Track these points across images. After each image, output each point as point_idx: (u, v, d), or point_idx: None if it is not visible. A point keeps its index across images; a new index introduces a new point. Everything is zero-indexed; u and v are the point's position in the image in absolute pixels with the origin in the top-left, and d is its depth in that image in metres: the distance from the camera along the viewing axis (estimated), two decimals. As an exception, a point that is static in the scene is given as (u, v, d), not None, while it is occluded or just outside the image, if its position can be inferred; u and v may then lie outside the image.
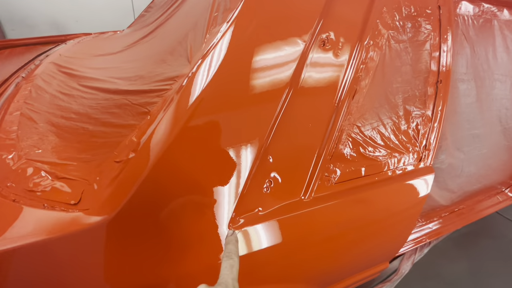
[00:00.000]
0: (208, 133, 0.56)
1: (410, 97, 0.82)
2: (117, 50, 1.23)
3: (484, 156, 1.56)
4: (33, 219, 0.50)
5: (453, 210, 1.76)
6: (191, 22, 0.80)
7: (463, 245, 2.22)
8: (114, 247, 0.51)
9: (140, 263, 0.53)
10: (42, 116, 0.79)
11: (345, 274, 0.89)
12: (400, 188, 0.82)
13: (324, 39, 0.66)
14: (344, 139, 0.72)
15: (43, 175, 0.57)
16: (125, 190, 0.51)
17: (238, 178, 0.59)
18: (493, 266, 2.05)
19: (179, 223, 0.55)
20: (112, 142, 0.61)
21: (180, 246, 0.55)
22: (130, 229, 0.51)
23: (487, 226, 2.45)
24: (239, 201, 0.59)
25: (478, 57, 1.11)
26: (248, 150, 0.59)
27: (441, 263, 2.08)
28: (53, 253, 0.47)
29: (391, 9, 0.74)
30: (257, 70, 0.60)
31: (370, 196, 0.78)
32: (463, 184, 1.60)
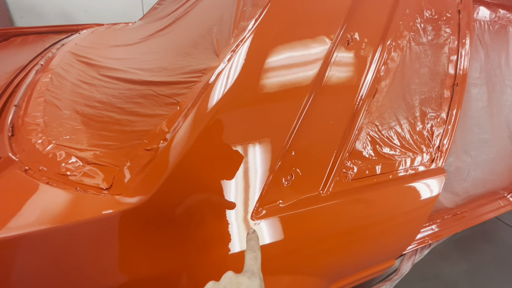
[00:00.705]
0: (236, 126, 0.58)
1: (426, 98, 0.83)
2: (133, 41, 1.24)
3: (491, 161, 1.58)
4: (67, 202, 0.52)
5: (456, 213, 1.78)
6: (215, 16, 0.81)
7: (463, 248, 2.25)
8: (144, 231, 0.53)
9: (168, 248, 0.55)
10: (66, 104, 0.81)
11: (356, 269, 0.91)
12: (413, 187, 0.84)
13: (348, 39, 0.68)
14: (362, 137, 0.74)
15: (73, 160, 0.59)
16: (156, 177, 0.53)
17: (264, 171, 0.61)
18: (491, 270, 2.08)
19: (206, 211, 0.57)
20: (140, 131, 0.63)
21: (207, 234, 0.57)
22: (160, 214, 0.53)
23: (487, 231, 2.48)
24: (263, 193, 0.61)
25: (491, 62, 1.12)
26: (274, 144, 0.61)
27: (441, 264, 2.11)
28: (88, 235, 0.49)
29: (413, 11, 0.76)
30: (283, 67, 0.62)
31: (384, 194, 0.80)
32: (468, 188, 1.62)
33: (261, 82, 0.60)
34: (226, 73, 0.59)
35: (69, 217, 0.48)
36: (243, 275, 0.42)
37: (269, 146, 0.61)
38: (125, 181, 0.54)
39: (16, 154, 0.63)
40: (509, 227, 2.54)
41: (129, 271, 0.52)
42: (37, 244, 0.47)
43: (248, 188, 0.60)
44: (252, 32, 0.61)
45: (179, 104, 0.61)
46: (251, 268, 0.44)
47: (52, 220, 0.48)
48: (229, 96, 0.57)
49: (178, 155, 0.54)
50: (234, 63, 0.59)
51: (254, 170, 0.60)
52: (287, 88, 0.62)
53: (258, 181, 0.61)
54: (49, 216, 0.49)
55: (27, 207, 0.50)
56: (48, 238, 0.47)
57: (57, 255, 0.48)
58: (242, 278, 0.41)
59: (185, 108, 0.58)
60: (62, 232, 0.48)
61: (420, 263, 2.13)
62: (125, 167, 0.56)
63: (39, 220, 0.48)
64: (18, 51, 1.58)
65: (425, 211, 0.89)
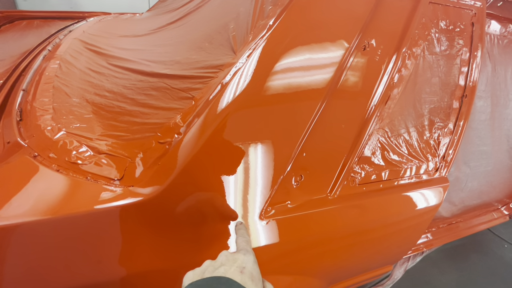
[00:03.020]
0: (250, 125, 0.58)
1: (435, 108, 0.84)
2: (144, 32, 1.23)
3: (488, 173, 1.61)
4: (78, 191, 0.51)
5: (451, 222, 1.80)
6: (231, 12, 0.81)
7: (454, 258, 2.28)
8: (155, 224, 0.52)
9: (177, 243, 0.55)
10: (75, 91, 0.80)
11: (355, 272, 0.92)
12: (416, 195, 0.85)
13: (365, 44, 0.68)
14: (372, 143, 0.74)
15: (84, 149, 0.58)
16: (170, 170, 0.52)
17: (275, 171, 0.61)
18: (480, 280, 2.11)
19: (216, 208, 0.57)
20: (152, 123, 0.62)
21: (216, 231, 0.57)
22: (172, 208, 0.53)
23: (478, 241, 2.52)
24: (273, 193, 0.61)
25: (497, 76, 1.14)
26: (286, 145, 0.61)
27: (432, 272, 2.14)
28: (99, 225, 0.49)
29: (429, 21, 0.76)
30: (300, 69, 0.62)
31: (388, 200, 0.80)
32: (465, 198, 1.65)
33: (277, 83, 0.60)
34: (244, 71, 0.58)
35: (81, 207, 0.48)
36: (238, 252, 0.45)
37: (281, 147, 0.61)
38: (137, 173, 0.54)
39: (25, 139, 0.62)
40: (500, 239, 2.58)
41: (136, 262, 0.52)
42: (47, 232, 0.46)
43: (259, 188, 0.60)
44: (271, 32, 0.61)
45: (194, 99, 0.61)
46: (244, 247, 0.47)
47: (64, 208, 0.47)
48: (245, 95, 0.57)
49: (192, 151, 0.54)
50: (253, 61, 0.59)
51: (265, 169, 0.60)
52: (302, 90, 0.62)
53: (269, 181, 0.61)
54: (61, 204, 0.48)
55: (37, 194, 0.49)
56: (58, 227, 0.47)
57: (66, 243, 0.47)
58: (237, 255, 0.43)
59: (200, 103, 0.58)
60: (72, 221, 0.47)
61: (412, 270, 2.16)
62: (138, 158, 0.55)
63: (51, 208, 0.47)
64: (22, 35, 1.56)
65: (426, 218, 0.90)
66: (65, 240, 0.47)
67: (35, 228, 0.46)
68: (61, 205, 0.48)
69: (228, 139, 0.56)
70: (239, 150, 0.57)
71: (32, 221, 0.45)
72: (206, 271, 0.40)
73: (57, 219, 0.46)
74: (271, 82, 0.59)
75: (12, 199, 0.47)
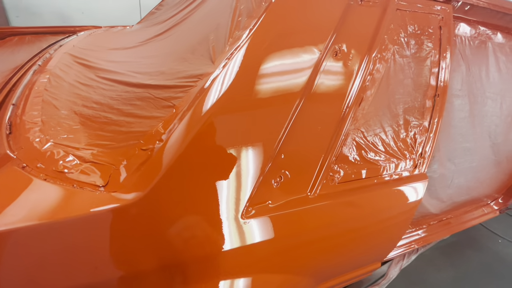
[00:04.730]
0: (229, 129, 0.61)
1: (410, 108, 0.88)
2: (132, 45, 1.27)
3: (474, 169, 1.64)
4: (65, 198, 0.54)
5: (441, 219, 1.83)
6: (212, 24, 0.85)
7: (449, 255, 2.30)
8: (139, 227, 0.55)
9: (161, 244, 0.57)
10: (63, 104, 0.83)
11: (342, 270, 0.94)
12: (396, 192, 0.89)
13: (336, 50, 0.72)
14: (348, 143, 0.78)
15: (71, 159, 0.61)
16: (152, 175, 0.55)
17: (254, 172, 0.64)
18: (476, 276, 2.13)
19: (199, 210, 0.60)
20: (136, 131, 0.66)
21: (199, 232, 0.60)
22: (154, 211, 0.56)
23: (473, 238, 2.55)
24: (253, 193, 0.64)
25: (472, 75, 1.19)
26: (264, 147, 0.64)
27: (427, 270, 2.15)
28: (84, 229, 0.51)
29: (397, 26, 0.81)
30: (275, 75, 0.66)
31: (369, 198, 0.84)
32: (453, 195, 1.68)
33: (254, 88, 0.64)
34: (221, 79, 0.62)
35: (66, 212, 0.51)
36: None
37: (260, 149, 0.64)
38: (121, 179, 0.57)
39: (14, 151, 0.64)
40: (495, 234, 2.61)
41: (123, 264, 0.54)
42: (34, 238, 0.49)
43: (239, 188, 0.63)
44: (246, 41, 0.65)
45: (175, 107, 0.64)
46: None
47: (50, 215, 0.50)
48: (223, 101, 0.60)
49: (173, 156, 0.57)
50: (229, 69, 0.63)
51: (245, 171, 0.63)
52: (278, 95, 0.66)
53: (248, 182, 0.64)
54: (46, 211, 0.51)
55: (24, 202, 0.52)
56: (45, 232, 0.49)
57: (54, 249, 0.50)
58: None
59: (180, 111, 0.61)
60: (59, 226, 0.50)
61: (407, 269, 2.17)
62: (122, 165, 0.58)
63: (37, 215, 0.50)
64: (14, 51, 1.59)
65: (408, 214, 0.94)
66: (51, 244, 0.50)
67: (22, 234, 0.48)
68: (47, 211, 0.51)
69: (207, 144, 0.60)
70: (218, 154, 0.61)
71: (20, 227, 0.48)
72: None
73: (43, 224, 0.49)
74: (247, 88, 0.63)
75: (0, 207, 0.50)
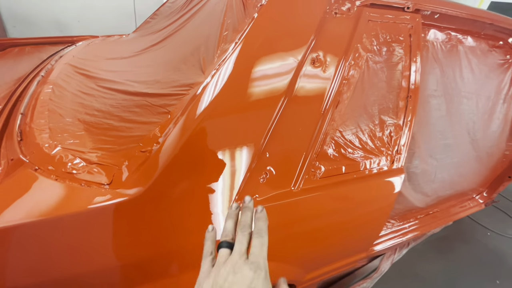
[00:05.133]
0: (218, 132, 0.69)
1: (384, 108, 0.97)
2: (128, 55, 1.35)
3: (456, 164, 1.73)
4: (75, 195, 0.62)
5: (428, 213, 1.92)
6: (202, 37, 0.94)
7: (440, 248, 2.38)
8: (140, 218, 0.63)
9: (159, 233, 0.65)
10: (68, 112, 0.91)
11: (328, 259, 1.02)
12: (375, 185, 0.97)
13: (314, 58, 0.81)
14: (328, 141, 0.87)
15: (78, 161, 0.69)
16: (150, 173, 0.63)
17: (242, 169, 0.72)
18: (465, 267, 2.21)
19: (192, 202, 0.68)
20: (136, 136, 0.74)
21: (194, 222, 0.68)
22: (153, 204, 0.64)
23: (463, 232, 2.63)
24: (241, 188, 0.72)
25: (447, 77, 1.28)
26: (250, 147, 0.73)
27: (418, 263, 2.22)
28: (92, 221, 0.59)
29: (370, 36, 0.90)
30: (258, 82, 0.74)
31: (349, 191, 0.92)
32: (437, 189, 1.76)
33: (240, 95, 0.72)
34: (210, 87, 0.70)
35: (77, 207, 0.58)
36: (249, 266, 0.37)
37: (246, 149, 0.73)
38: (123, 177, 0.65)
39: (26, 156, 0.72)
40: (484, 228, 2.70)
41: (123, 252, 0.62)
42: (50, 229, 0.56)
43: (229, 184, 0.71)
44: (232, 53, 0.73)
45: (170, 113, 0.72)
46: (257, 259, 0.39)
47: (64, 210, 0.58)
48: (212, 107, 0.69)
49: (169, 156, 0.65)
50: (217, 79, 0.71)
51: (234, 168, 0.71)
52: (261, 100, 0.74)
53: (237, 178, 0.72)
54: (60, 207, 0.59)
55: (39, 200, 0.60)
56: (59, 224, 0.57)
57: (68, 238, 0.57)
58: (247, 270, 0.36)
59: (175, 117, 0.69)
60: (71, 219, 0.57)
61: (399, 262, 2.26)
62: (123, 166, 0.66)
63: (52, 210, 0.57)
64: (16, 62, 1.66)
65: (387, 206, 1.02)
66: (66, 234, 0.57)
67: (38, 226, 0.56)
68: (59, 207, 0.58)
69: (199, 145, 0.68)
70: (209, 153, 0.69)
71: (35, 221, 0.55)
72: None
73: (56, 218, 0.57)
74: (233, 95, 0.71)
75: (18, 205, 0.57)
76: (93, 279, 0.62)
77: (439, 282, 2.08)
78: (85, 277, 0.61)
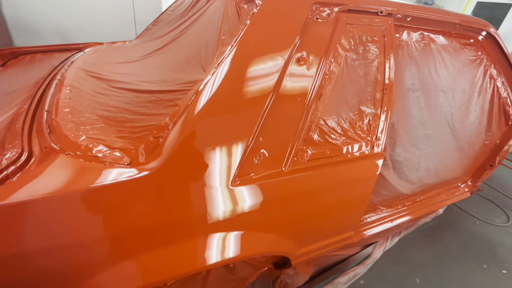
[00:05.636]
0: (218, 120, 0.83)
1: (363, 100, 1.11)
2: (134, 59, 1.49)
3: (438, 153, 1.85)
4: (101, 173, 0.75)
5: (415, 200, 2.04)
6: (202, 41, 1.08)
7: (430, 236, 2.49)
8: (155, 190, 0.76)
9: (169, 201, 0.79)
10: (86, 109, 1.04)
11: (318, 235, 1.15)
12: (357, 167, 1.11)
13: (299, 57, 0.95)
14: (313, 128, 1.00)
15: (101, 147, 0.82)
16: (163, 154, 0.77)
17: (239, 151, 0.86)
18: (454, 254, 2.32)
19: (198, 178, 0.81)
20: (149, 125, 0.87)
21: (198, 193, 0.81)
22: (166, 179, 0.77)
23: (452, 221, 2.75)
24: (239, 167, 0.86)
25: (422, 72, 1.43)
26: (246, 132, 0.86)
27: (409, 250, 2.33)
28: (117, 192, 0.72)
29: (347, 37, 1.05)
30: (251, 78, 0.88)
31: (334, 171, 1.06)
32: (422, 177, 1.88)
33: (236, 88, 0.86)
34: (211, 83, 0.84)
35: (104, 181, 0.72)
36: None
37: (243, 134, 0.86)
38: (141, 159, 0.78)
39: (56, 144, 0.85)
40: (472, 217, 2.82)
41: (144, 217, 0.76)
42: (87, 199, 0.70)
43: (228, 164, 0.85)
44: (229, 54, 0.87)
45: (177, 105, 0.86)
46: None
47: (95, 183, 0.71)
48: (213, 99, 0.82)
49: (178, 140, 0.78)
50: (217, 76, 0.85)
51: (232, 151, 0.84)
52: (255, 93, 0.88)
53: (236, 158, 0.86)
54: (91, 182, 0.72)
55: (74, 176, 0.73)
56: (91, 195, 0.70)
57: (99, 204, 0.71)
58: None
59: (182, 108, 0.83)
60: (100, 190, 0.71)
61: (391, 250, 2.39)
62: (141, 149, 0.79)
63: (86, 183, 0.71)
64: (29, 68, 1.80)
65: (368, 186, 1.15)
66: (95, 202, 0.71)
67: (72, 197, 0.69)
68: (91, 181, 0.72)
69: (203, 130, 0.81)
70: (211, 137, 0.82)
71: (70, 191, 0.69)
72: None
73: (88, 190, 0.70)
74: (231, 89, 0.85)
75: (58, 180, 0.70)
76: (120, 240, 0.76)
77: (429, 267, 2.18)
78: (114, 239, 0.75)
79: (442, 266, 2.22)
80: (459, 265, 2.21)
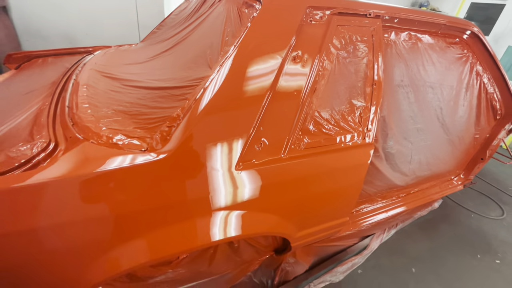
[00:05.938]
0: (223, 111, 0.94)
1: (354, 94, 1.22)
2: (143, 60, 1.60)
3: (430, 147, 1.95)
4: (122, 157, 0.86)
5: (410, 192, 2.13)
6: (207, 43, 1.19)
7: (426, 229, 2.57)
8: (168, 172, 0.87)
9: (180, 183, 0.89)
10: (104, 105, 1.15)
11: (315, 219, 1.25)
12: (350, 155, 1.21)
13: (295, 56, 1.06)
14: (309, 120, 1.11)
15: (120, 136, 0.93)
16: (176, 142, 0.88)
17: (242, 140, 0.96)
18: (449, 245, 2.40)
19: (206, 162, 0.92)
20: (162, 116, 0.98)
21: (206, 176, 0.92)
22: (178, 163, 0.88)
23: (448, 214, 2.83)
24: (242, 153, 0.97)
25: (411, 69, 1.53)
26: (248, 122, 0.97)
27: (406, 242, 2.41)
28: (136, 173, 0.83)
29: (339, 37, 1.16)
30: (252, 74, 0.99)
31: (328, 158, 1.16)
32: (415, 169, 1.97)
33: (238, 84, 0.97)
34: (216, 79, 0.95)
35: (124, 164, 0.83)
36: None
37: (245, 124, 0.97)
38: (156, 145, 0.89)
39: (80, 134, 0.96)
40: (468, 210, 2.90)
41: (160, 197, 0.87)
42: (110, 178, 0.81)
43: (232, 150, 0.95)
44: (232, 53, 0.98)
45: (187, 99, 0.97)
46: None
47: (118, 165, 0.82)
48: (218, 94, 0.93)
49: (188, 129, 0.89)
50: (221, 73, 0.96)
51: (236, 138, 0.95)
52: (256, 86, 0.99)
53: (239, 146, 0.96)
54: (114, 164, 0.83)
55: (101, 159, 0.84)
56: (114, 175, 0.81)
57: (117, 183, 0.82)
58: None
59: (191, 101, 0.94)
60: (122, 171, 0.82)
61: (387, 241, 2.47)
62: (155, 136, 0.90)
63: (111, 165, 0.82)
64: (43, 70, 1.92)
65: (361, 173, 1.26)
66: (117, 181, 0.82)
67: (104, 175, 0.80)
68: (114, 164, 0.83)
69: (210, 121, 0.92)
70: (217, 127, 0.93)
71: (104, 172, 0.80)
72: None
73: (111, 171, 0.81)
74: (234, 84, 0.96)
75: (86, 162, 0.81)
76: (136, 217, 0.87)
77: (425, 257, 2.26)
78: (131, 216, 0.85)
79: (437, 257, 2.30)
80: (454, 256, 2.29)
